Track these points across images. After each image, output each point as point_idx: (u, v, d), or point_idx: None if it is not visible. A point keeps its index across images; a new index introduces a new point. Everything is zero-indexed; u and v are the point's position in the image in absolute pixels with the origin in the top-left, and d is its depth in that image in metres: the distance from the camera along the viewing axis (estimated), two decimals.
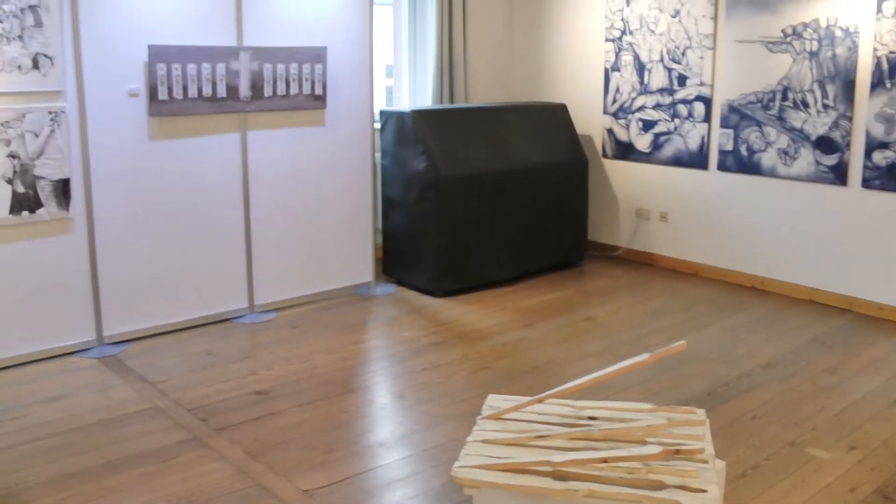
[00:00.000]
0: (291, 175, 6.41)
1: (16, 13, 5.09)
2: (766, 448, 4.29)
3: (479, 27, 8.34)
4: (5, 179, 5.19)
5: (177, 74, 5.69)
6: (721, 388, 5.04)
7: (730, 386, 5.08)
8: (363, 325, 6.19)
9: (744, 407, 4.78)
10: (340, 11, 6.46)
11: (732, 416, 4.66)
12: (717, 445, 4.18)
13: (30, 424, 4.60)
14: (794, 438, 4.40)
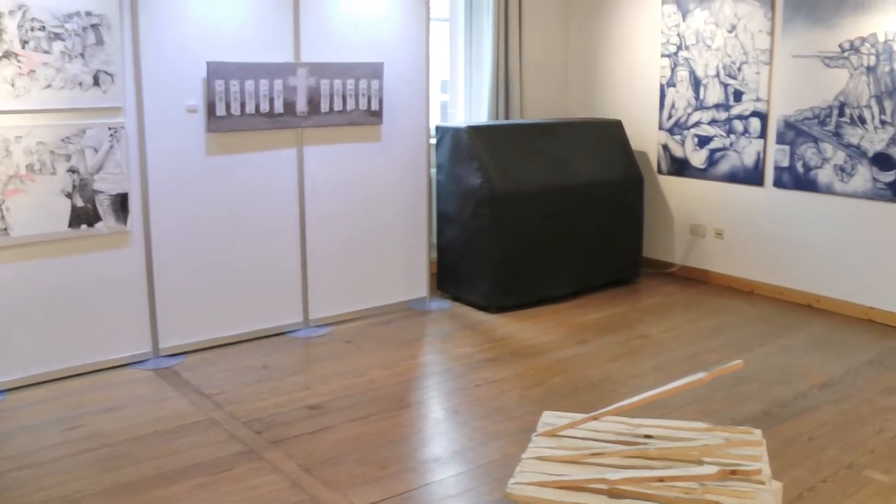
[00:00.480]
0: (347, 190, 6.40)
1: (78, 32, 5.15)
2: (823, 470, 4.19)
3: (534, 43, 8.30)
4: (65, 194, 5.24)
5: (235, 90, 5.71)
6: (777, 409, 4.93)
7: (786, 406, 4.97)
8: (418, 340, 6.15)
9: (800, 428, 4.67)
10: (398, 27, 6.46)
11: (789, 437, 4.55)
12: (774, 467, 4.07)
13: (87, 434, 4.63)
14: (851, 461, 4.29)
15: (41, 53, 5.05)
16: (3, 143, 5.00)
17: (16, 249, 5.16)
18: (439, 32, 8.01)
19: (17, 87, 5.00)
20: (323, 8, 6.09)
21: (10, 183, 5.06)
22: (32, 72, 5.04)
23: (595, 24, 8.39)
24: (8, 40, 4.94)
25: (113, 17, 5.26)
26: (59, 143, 5.18)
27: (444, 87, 8.30)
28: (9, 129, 5.01)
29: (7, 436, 4.62)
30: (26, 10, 4.96)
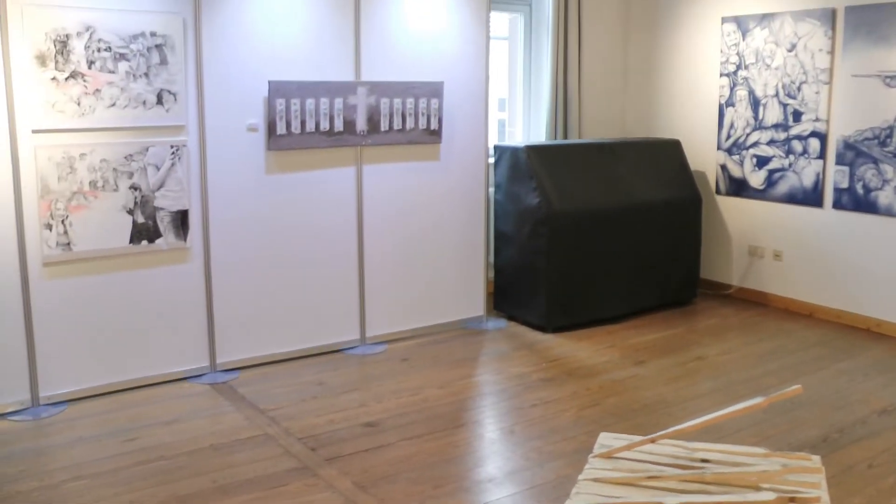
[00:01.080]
0: (405, 208, 6.41)
1: (143, 52, 5.22)
2: (884, 499, 4.07)
3: (593, 62, 8.25)
4: (126, 210, 5.30)
5: (295, 109, 5.74)
6: (836, 435, 4.82)
7: (845, 432, 4.85)
8: (474, 359, 6.12)
9: (860, 455, 4.56)
10: (457, 46, 6.46)
11: (848, 464, 4.44)
12: (832, 494, 3.97)
13: (145, 446, 4.67)
14: None
15: (107, 73, 5.13)
16: (68, 161, 5.08)
17: (78, 264, 5.23)
18: (498, 51, 8.00)
19: (83, 106, 5.08)
20: (384, 27, 6.12)
21: (74, 199, 5.13)
22: (98, 91, 5.11)
23: (654, 44, 8.34)
24: (75, 60, 5.03)
25: (177, 38, 5.32)
26: (121, 161, 5.24)
27: (502, 105, 8.28)
28: (74, 146, 5.09)
29: (66, 446, 4.69)
30: (93, 32, 5.05)
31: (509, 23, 8.18)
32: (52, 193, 5.07)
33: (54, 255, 5.13)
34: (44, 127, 5.00)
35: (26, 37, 4.89)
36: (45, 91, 4.98)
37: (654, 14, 8.31)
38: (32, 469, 4.42)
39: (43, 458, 4.56)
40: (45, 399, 5.21)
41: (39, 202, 5.05)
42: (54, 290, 5.19)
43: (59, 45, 4.97)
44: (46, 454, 4.60)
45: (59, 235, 5.12)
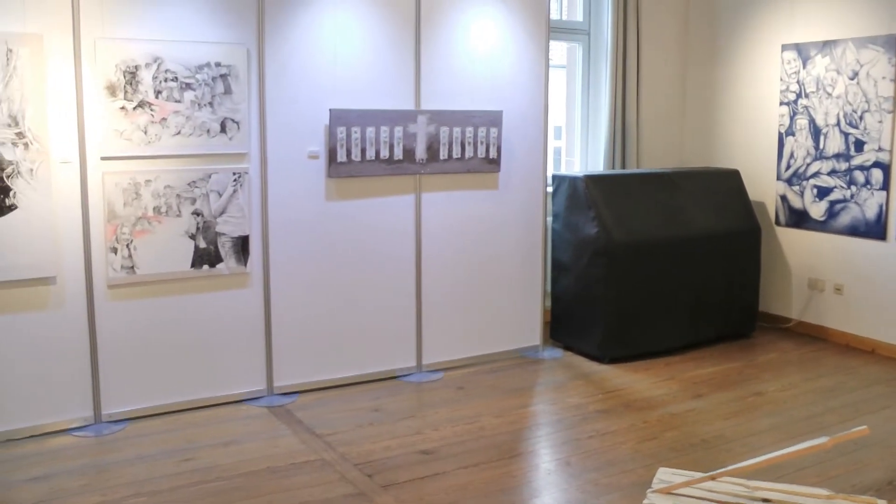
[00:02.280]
0: (463, 237, 6.40)
1: (208, 82, 5.30)
2: None
3: (652, 90, 8.21)
4: (188, 235, 5.36)
5: (356, 137, 5.77)
6: None
7: None
8: (530, 388, 6.07)
9: None
10: (516, 75, 6.46)
11: None
12: None
13: (201, 467, 4.71)
14: None
15: (173, 102, 5.21)
16: (134, 187, 5.16)
17: (141, 287, 5.30)
18: (556, 79, 7.99)
19: (150, 134, 5.17)
20: (444, 56, 6.14)
21: (139, 224, 5.21)
22: (164, 120, 5.20)
23: (713, 72, 8.26)
24: (143, 90, 5.13)
25: (241, 67, 5.39)
26: (185, 187, 5.31)
27: (558, 134, 8.26)
28: (140, 173, 5.18)
29: (126, 463, 4.76)
30: (161, 63, 5.15)
31: (567, 52, 8.17)
32: (118, 218, 5.16)
33: (119, 277, 5.21)
34: (112, 154, 5.11)
35: (98, 68, 5.02)
36: (114, 120, 5.08)
37: (713, 42, 8.24)
38: (95, 484, 4.50)
39: (105, 473, 4.63)
40: (106, 416, 5.29)
41: (106, 226, 5.14)
42: (118, 312, 5.27)
43: (129, 75, 5.08)
44: (108, 470, 4.67)
45: (124, 259, 5.20)
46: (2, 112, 4.77)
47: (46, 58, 4.89)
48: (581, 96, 8.10)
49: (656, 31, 8.19)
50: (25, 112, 4.82)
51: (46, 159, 4.92)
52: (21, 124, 4.82)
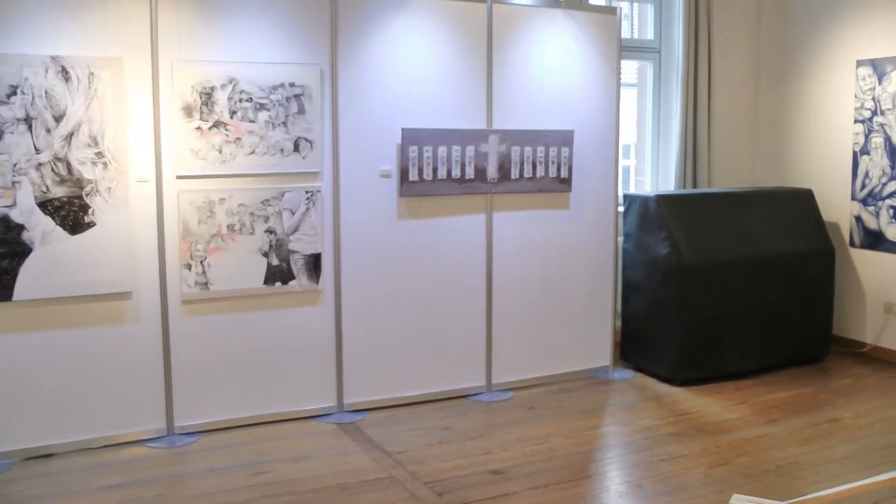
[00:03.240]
0: (534, 256, 6.27)
1: (282, 102, 5.29)
2: None
3: (724, 108, 8.00)
4: (262, 253, 5.35)
5: (428, 156, 5.70)
6: None
7: None
8: (600, 409, 5.92)
9: None
10: (588, 94, 6.33)
11: None
12: None
13: (273, 481, 4.68)
14: None
15: (247, 122, 5.22)
16: (208, 205, 5.17)
17: (214, 302, 5.31)
18: (627, 97, 7.82)
19: (224, 154, 5.18)
20: (515, 75, 6.04)
21: (213, 241, 5.22)
22: (238, 139, 5.20)
23: (785, 89, 8.01)
24: (219, 111, 5.15)
25: (314, 88, 5.37)
26: (258, 206, 5.30)
27: (627, 152, 8.09)
28: (214, 191, 5.19)
29: (198, 475, 4.77)
30: (236, 83, 5.17)
31: (638, 70, 8.01)
32: (192, 235, 5.17)
33: (192, 293, 5.22)
34: (187, 173, 5.13)
35: (175, 90, 5.06)
36: (190, 139, 5.11)
37: (786, 59, 7.99)
38: (169, 494, 4.52)
39: (178, 484, 4.64)
40: (179, 429, 5.31)
41: (180, 243, 5.16)
42: (191, 327, 5.29)
43: (205, 96, 5.10)
44: (181, 481, 4.68)
45: (198, 275, 5.21)
46: (83, 133, 4.83)
47: (126, 80, 4.95)
48: (652, 115, 7.94)
49: (728, 49, 7.97)
50: (105, 133, 4.88)
51: (124, 178, 4.96)
52: (100, 144, 4.88)
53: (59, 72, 4.76)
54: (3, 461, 4.89)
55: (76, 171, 4.84)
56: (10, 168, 4.71)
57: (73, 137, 4.81)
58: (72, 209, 4.86)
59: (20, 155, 4.72)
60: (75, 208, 4.86)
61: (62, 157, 4.80)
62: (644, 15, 8.05)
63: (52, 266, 4.85)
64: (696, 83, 7.71)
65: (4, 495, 4.52)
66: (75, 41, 4.84)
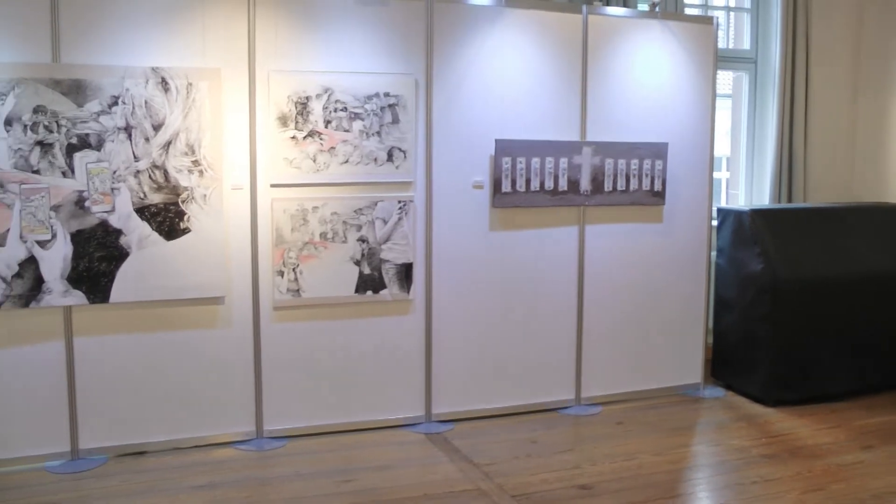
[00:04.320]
0: (626, 270, 6.05)
1: (376, 112, 5.20)
2: None
3: (821, 120, 7.62)
4: (353, 261, 5.26)
5: (520, 168, 5.53)
6: None
7: None
8: (690, 427, 5.66)
9: None
10: (682, 106, 6.08)
11: None
12: None
13: (359, 489, 4.58)
14: None
15: (342, 132, 5.15)
16: (302, 213, 5.12)
17: (306, 310, 5.26)
18: (721, 108, 7.51)
19: (318, 163, 5.13)
20: (610, 87, 5.83)
21: (305, 249, 5.16)
22: (332, 148, 5.14)
23: (886, 101, 7.59)
24: (313, 120, 5.10)
25: (409, 98, 5.27)
26: (351, 214, 5.22)
27: (719, 164, 7.77)
28: (308, 199, 5.14)
29: (286, 479, 4.71)
30: (331, 93, 5.11)
31: (733, 81, 7.71)
32: (285, 243, 5.12)
33: (284, 300, 5.17)
34: (281, 181, 5.09)
35: (271, 100, 5.04)
36: (285, 148, 5.07)
37: (887, 70, 7.56)
38: (256, 497, 4.49)
39: (265, 487, 4.60)
40: (267, 433, 5.26)
41: (273, 250, 5.11)
42: (282, 333, 5.24)
43: (300, 106, 5.05)
44: (269, 484, 4.64)
45: (290, 282, 5.15)
46: (180, 141, 4.84)
47: (223, 90, 4.94)
48: (746, 126, 7.62)
49: (826, 58, 7.60)
50: (202, 141, 4.88)
51: (219, 186, 4.95)
52: (197, 153, 4.87)
53: (159, 82, 4.79)
54: (98, 456, 4.95)
55: (173, 179, 4.85)
56: (109, 175, 4.74)
57: (170, 146, 4.83)
58: (168, 215, 4.86)
59: (119, 162, 4.75)
60: (171, 214, 4.86)
61: (160, 165, 4.82)
62: (740, 24, 7.77)
63: (147, 270, 4.87)
64: (793, 94, 7.36)
65: (100, 489, 4.57)
66: (175, 53, 4.89)
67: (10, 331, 4.76)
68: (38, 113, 4.59)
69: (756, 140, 7.58)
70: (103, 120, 4.69)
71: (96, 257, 4.75)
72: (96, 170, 4.70)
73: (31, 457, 4.85)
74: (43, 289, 4.68)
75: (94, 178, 4.70)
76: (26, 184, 4.60)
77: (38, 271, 4.67)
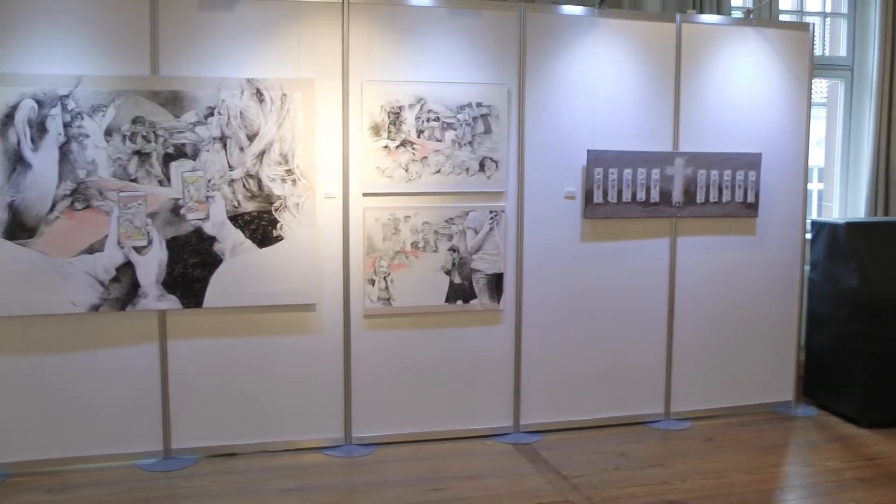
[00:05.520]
0: (718, 283, 5.80)
1: (468, 122, 5.10)
2: None
3: None
4: (444, 271, 5.16)
5: (612, 178, 5.35)
6: None
7: None
8: (782, 446, 5.39)
9: None
10: (776, 115, 5.81)
11: None
12: None
13: (448, 498, 4.50)
14: None
15: (434, 142, 5.06)
16: (393, 222, 5.04)
17: (396, 318, 5.18)
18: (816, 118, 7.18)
19: (410, 172, 5.05)
20: (703, 96, 5.61)
21: (396, 258, 5.09)
22: (425, 158, 5.06)
23: None
24: (406, 130, 5.03)
25: (501, 108, 5.15)
26: (443, 224, 5.12)
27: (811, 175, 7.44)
28: (400, 209, 5.07)
29: (374, 486, 4.63)
30: (424, 103, 5.03)
31: (828, 89, 7.39)
32: (376, 251, 5.05)
33: (375, 308, 5.09)
34: (373, 190, 5.03)
35: (364, 109, 4.98)
36: (377, 158, 5.01)
37: None
38: (345, 502, 4.44)
39: (354, 494, 4.54)
40: (356, 439, 5.20)
41: (365, 259, 5.05)
42: (372, 340, 5.17)
43: (393, 116, 4.98)
44: (357, 491, 4.58)
45: (381, 291, 5.08)
46: (274, 151, 4.82)
47: (316, 100, 4.90)
48: (841, 136, 7.28)
49: None
50: (295, 151, 4.85)
51: (312, 194, 4.91)
52: (290, 162, 4.84)
53: (254, 93, 4.78)
54: (189, 456, 4.96)
55: (266, 188, 4.82)
56: (204, 184, 4.74)
57: (264, 155, 4.80)
58: (261, 223, 4.83)
59: (214, 171, 4.75)
60: (264, 222, 4.83)
61: (253, 174, 4.80)
62: (836, 30, 7.42)
63: (240, 276, 4.86)
64: (892, 102, 6.98)
65: (191, 488, 4.58)
66: (270, 64, 4.88)
67: (106, 333, 4.80)
68: (136, 123, 4.61)
69: (851, 150, 7.23)
70: (199, 130, 4.69)
71: (190, 263, 4.75)
72: (191, 178, 4.71)
73: (125, 454, 4.89)
74: (139, 293, 4.71)
75: (189, 186, 4.71)
76: (124, 192, 4.63)
77: (135, 276, 4.70)
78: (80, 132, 4.54)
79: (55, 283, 4.59)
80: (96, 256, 4.63)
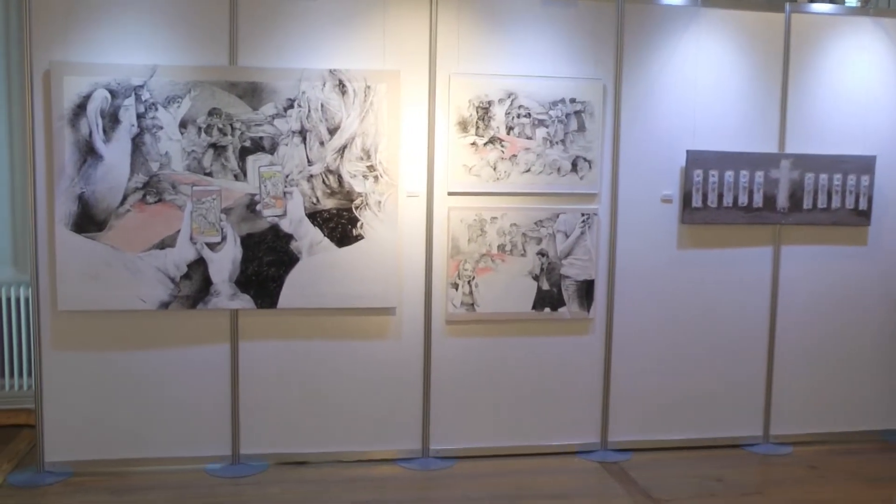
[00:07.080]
0: (825, 297, 5.40)
1: (561, 119, 4.82)
2: None
3: None
4: (532, 276, 4.90)
5: (713, 181, 4.99)
6: None
7: None
8: (893, 479, 4.92)
9: None
10: (894, 117, 5.38)
11: None
12: None
13: None
14: None
15: (524, 139, 4.81)
16: (479, 223, 4.81)
17: (479, 325, 4.95)
18: None
19: (498, 171, 4.81)
20: (813, 93, 5.23)
21: (482, 261, 4.85)
22: (514, 156, 4.81)
23: None
24: (495, 126, 4.79)
25: (596, 105, 4.87)
26: (531, 226, 4.86)
27: None
28: (486, 209, 4.83)
29: (453, 502, 4.41)
30: (514, 98, 4.78)
31: None
32: (461, 254, 4.81)
33: (458, 313, 4.86)
34: (459, 189, 4.81)
35: (451, 104, 4.78)
36: (464, 155, 4.77)
37: None
38: None
39: None
40: (434, 452, 4.97)
41: (449, 262, 4.83)
42: (454, 348, 4.95)
43: (482, 111, 4.75)
44: None
45: (465, 295, 4.84)
46: (356, 146, 4.62)
47: (401, 93, 4.68)
48: None
49: None
50: (378, 146, 4.64)
51: (394, 192, 4.69)
52: (373, 158, 4.63)
53: (336, 85, 4.59)
54: (259, 463, 4.80)
55: (347, 184, 4.61)
56: (282, 179, 4.56)
57: (345, 150, 4.60)
58: (340, 221, 4.63)
59: (293, 166, 4.56)
60: (344, 220, 4.63)
61: (334, 170, 4.60)
62: None
63: (317, 277, 4.67)
64: None
65: (259, 496, 4.43)
66: (353, 55, 4.69)
67: (176, 331, 4.68)
68: (212, 116, 4.46)
69: None
70: (278, 123, 4.51)
71: (266, 261, 4.58)
72: (269, 173, 4.52)
73: (192, 458, 4.76)
74: (211, 291, 4.56)
75: (266, 181, 4.53)
76: (198, 186, 4.48)
77: (207, 273, 4.54)
78: (154, 123, 4.40)
79: (124, 279, 4.46)
80: (167, 252, 4.49)
